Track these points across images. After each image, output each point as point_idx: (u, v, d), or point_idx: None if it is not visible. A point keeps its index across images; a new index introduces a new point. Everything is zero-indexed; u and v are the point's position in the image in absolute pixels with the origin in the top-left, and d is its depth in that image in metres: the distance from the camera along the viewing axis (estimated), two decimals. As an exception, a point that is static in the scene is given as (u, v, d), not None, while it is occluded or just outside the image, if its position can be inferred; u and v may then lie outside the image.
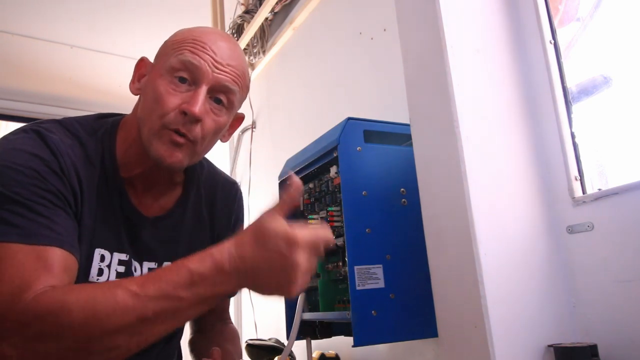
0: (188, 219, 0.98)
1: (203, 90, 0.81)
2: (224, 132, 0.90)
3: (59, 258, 0.71)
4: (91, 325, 0.63)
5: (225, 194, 1.06)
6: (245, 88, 0.89)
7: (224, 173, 1.10)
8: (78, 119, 0.89)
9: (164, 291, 0.65)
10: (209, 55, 0.81)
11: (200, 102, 0.80)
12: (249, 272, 0.66)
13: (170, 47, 0.84)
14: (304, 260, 0.65)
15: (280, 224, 0.65)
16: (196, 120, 0.81)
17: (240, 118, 0.95)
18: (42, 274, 0.68)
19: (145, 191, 0.91)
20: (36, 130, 0.79)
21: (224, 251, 0.66)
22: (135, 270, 0.90)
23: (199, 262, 0.66)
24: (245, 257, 0.65)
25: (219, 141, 0.92)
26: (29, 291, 0.65)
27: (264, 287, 0.68)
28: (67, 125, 0.85)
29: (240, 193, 1.11)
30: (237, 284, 0.67)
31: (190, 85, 0.82)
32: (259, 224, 0.66)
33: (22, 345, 0.64)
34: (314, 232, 0.66)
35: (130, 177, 0.88)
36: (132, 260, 0.89)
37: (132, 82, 0.89)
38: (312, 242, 0.65)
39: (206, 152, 0.90)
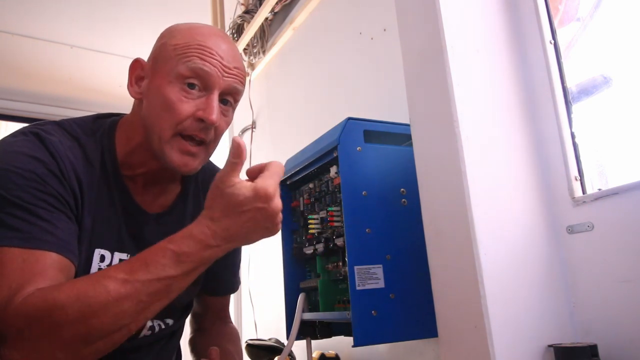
0: (189, 214, 0.98)
1: (216, 96, 0.83)
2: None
3: (56, 264, 0.71)
4: (89, 319, 0.65)
5: None
6: (245, 84, 0.91)
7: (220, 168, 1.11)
8: (76, 120, 0.89)
9: (154, 274, 0.67)
10: (217, 60, 0.82)
11: (216, 109, 0.82)
12: (236, 236, 0.71)
13: (173, 51, 0.83)
14: (278, 202, 0.72)
15: (245, 187, 0.70)
16: (214, 126, 0.83)
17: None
18: (37, 278, 0.68)
19: (146, 189, 0.91)
20: (35, 132, 0.79)
21: (204, 229, 0.70)
22: None
23: (182, 244, 0.69)
24: (228, 227, 0.70)
25: None
26: (19, 294, 0.66)
27: (252, 240, 0.74)
28: (65, 126, 0.85)
29: None
30: (226, 248, 0.72)
31: (201, 91, 0.83)
32: (225, 196, 0.70)
33: (23, 346, 0.65)
34: (275, 174, 0.73)
35: (131, 175, 0.88)
36: None
37: (130, 84, 0.89)
38: (277, 180, 0.72)
39: (215, 150, 0.92)
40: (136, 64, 0.89)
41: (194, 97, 0.82)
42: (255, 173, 0.75)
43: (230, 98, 0.87)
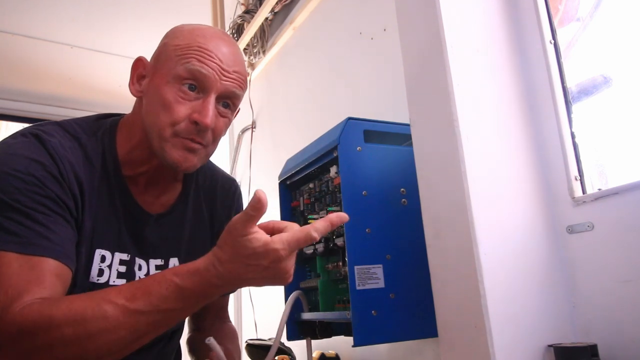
0: (189, 215, 0.98)
1: (212, 100, 0.82)
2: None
3: (53, 270, 0.71)
4: (83, 342, 0.64)
5: (224, 192, 1.06)
6: (246, 88, 0.90)
7: (222, 170, 1.11)
8: (77, 121, 0.89)
9: (155, 306, 0.66)
10: (215, 63, 0.82)
11: (211, 113, 0.81)
12: (240, 281, 0.68)
13: (174, 52, 0.83)
14: (289, 263, 0.67)
15: (258, 241, 0.65)
16: (208, 129, 0.83)
17: (237, 110, 0.96)
18: (33, 285, 0.68)
19: (148, 189, 0.91)
20: (35, 134, 0.79)
21: (210, 268, 0.67)
22: (139, 269, 0.90)
23: (187, 279, 0.67)
24: (232, 272, 0.67)
25: None
26: (16, 303, 0.66)
27: (257, 285, 0.71)
28: (66, 127, 0.85)
29: (240, 191, 1.12)
30: (229, 290, 0.71)
31: (199, 93, 0.82)
32: (235, 244, 0.66)
33: (14, 357, 0.65)
34: (293, 238, 0.66)
35: (132, 175, 0.88)
36: (135, 259, 0.90)
37: (132, 83, 0.89)
38: (294, 247, 0.66)
39: (214, 151, 0.92)
40: (138, 63, 0.89)
41: (190, 98, 0.82)
42: (276, 230, 0.70)
43: (229, 101, 0.86)
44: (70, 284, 0.76)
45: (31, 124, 0.84)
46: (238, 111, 0.96)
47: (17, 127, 0.87)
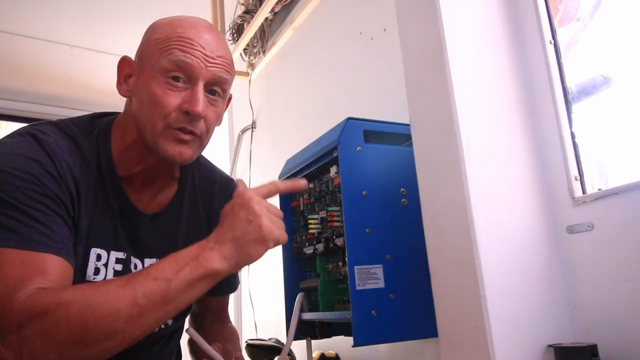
0: (185, 214, 0.98)
1: (200, 88, 0.82)
2: (220, 118, 0.92)
3: (55, 265, 0.72)
4: (85, 317, 0.65)
5: (223, 191, 1.06)
6: (233, 72, 0.90)
7: (221, 170, 1.11)
8: (73, 120, 0.89)
9: (152, 275, 0.70)
10: (198, 51, 0.82)
11: (201, 101, 0.82)
12: (226, 237, 0.74)
13: (155, 46, 0.83)
14: (256, 204, 0.75)
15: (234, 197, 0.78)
16: (200, 118, 0.83)
17: (229, 98, 0.96)
18: (37, 276, 0.68)
19: (143, 188, 0.91)
20: (32, 133, 0.79)
21: (202, 242, 0.76)
22: (135, 268, 0.90)
23: (182, 250, 0.74)
24: (218, 230, 0.76)
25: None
26: (21, 291, 0.66)
27: (244, 243, 0.75)
28: (62, 127, 0.85)
29: None
30: (221, 252, 0.74)
31: (186, 83, 0.83)
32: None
33: (18, 345, 0.64)
34: (261, 186, 0.81)
35: (127, 175, 0.88)
36: (131, 258, 0.90)
37: (119, 83, 0.89)
38: (262, 191, 0.79)
39: (209, 141, 0.92)
40: (124, 63, 0.89)
41: (179, 89, 0.82)
42: None
43: (217, 88, 0.86)
44: None
45: (28, 124, 0.84)
46: (230, 98, 0.95)
47: (17, 127, 0.87)
